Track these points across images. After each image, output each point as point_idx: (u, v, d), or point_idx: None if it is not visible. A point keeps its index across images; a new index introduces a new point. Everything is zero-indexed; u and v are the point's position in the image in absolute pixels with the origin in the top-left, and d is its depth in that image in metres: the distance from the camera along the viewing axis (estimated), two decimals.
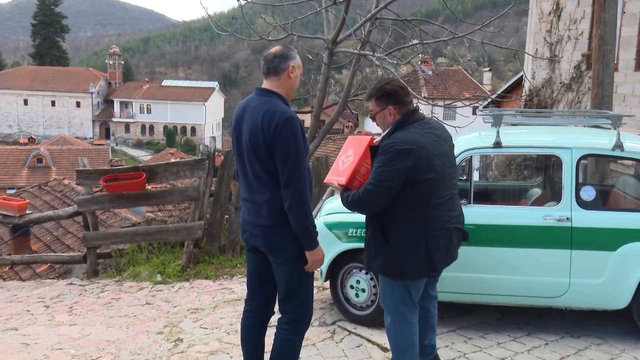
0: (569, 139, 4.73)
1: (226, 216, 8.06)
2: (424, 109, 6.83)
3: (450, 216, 3.57)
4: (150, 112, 79.46)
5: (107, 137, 78.42)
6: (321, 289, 6.00)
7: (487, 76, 48.75)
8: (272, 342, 3.52)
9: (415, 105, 3.67)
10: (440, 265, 3.56)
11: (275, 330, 3.53)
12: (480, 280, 4.62)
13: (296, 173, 3.20)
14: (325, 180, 3.77)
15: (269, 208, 3.30)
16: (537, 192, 5.73)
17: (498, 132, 4.65)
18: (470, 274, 4.59)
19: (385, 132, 3.56)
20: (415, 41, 8.17)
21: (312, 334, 4.78)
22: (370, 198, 3.39)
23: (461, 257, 3.90)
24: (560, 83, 9.31)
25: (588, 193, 4.53)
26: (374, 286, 4.84)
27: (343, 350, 4.56)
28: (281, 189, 3.24)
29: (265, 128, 3.20)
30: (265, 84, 3.39)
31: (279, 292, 3.50)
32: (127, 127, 79.96)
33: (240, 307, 4.88)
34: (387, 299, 3.62)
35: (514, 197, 6.05)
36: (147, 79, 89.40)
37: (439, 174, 3.44)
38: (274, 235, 3.34)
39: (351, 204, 3.51)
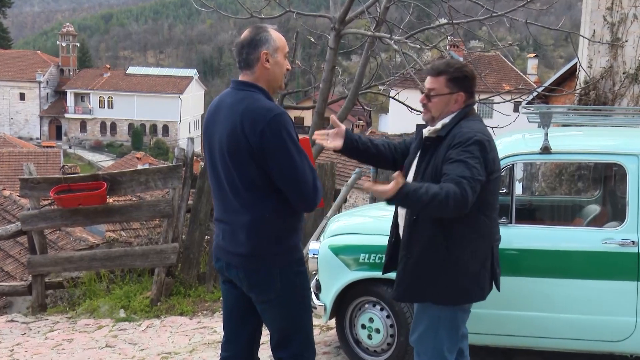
0: (635, 143, 4.74)
1: (207, 237, 8.07)
2: None
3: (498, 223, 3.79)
4: (112, 107, 79.71)
5: (59, 137, 78.65)
6: (325, 329, 6.00)
7: (532, 64, 48.73)
8: None
9: None
10: (499, 281, 3.74)
11: None
12: (523, 319, 4.61)
13: (308, 181, 3.22)
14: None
15: (249, 232, 3.29)
16: (594, 209, 5.73)
17: (546, 134, 4.66)
18: (511, 312, 4.59)
19: (444, 121, 3.62)
20: (443, 20, 8.21)
21: None
22: (469, 195, 3.33)
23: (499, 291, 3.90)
24: (623, 73, 9.33)
25: None
26: (391, 325, 4.84)
27: None
28: (287, 204, 3.26)
29: (247, 131, 3.18)
30: (242, 77, 3.40)
31: (271, 338, 3.51)
32: (83, 124, 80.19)
33: None
34: (428, 338, 3.65)
35: (566, 215, 6.06)
36: (108, 66, 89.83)
37: (500, 173, 3.62)
38: (255, 268, 3.33)
39: (454, 203, 3.29)
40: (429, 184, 3.34)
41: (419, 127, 3.87)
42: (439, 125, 3.63)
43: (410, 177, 3.72)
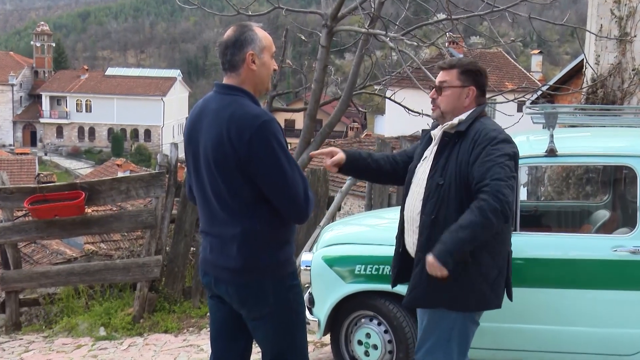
0: None
1: (192, 249, 8.06)
2: None
3: None
4: (91, 111, 79.59)
5: (33, 143, 78.47)
6: (319, 346, 5.99)
7: (536, 61, 48.92)
8: None
9: None
10: (512, 291, 3.85)
11: None
12: (528, 333, 4.62)
13: (299, 191, 3.22)
14: None
15: (240, 245, 3.26)
16: (603, 215, 5.74)
17: (552, 135, 4.67)
18: (515, 325, 4.59)
19: (460, 117, 3.69)
20: (441, 16, 8.23)
21: None
22: (508, 196, 3.40)
23: (503, 303, 3.91)
24: (633, 70, 9.37)
25: None
26: (389, 341, 4.84)
27: None
28: (277, 216, 3.26)
29: (234, 139, 3.16)
30: (227, 80, 3.37)
31: (263, 356, 3.49)
32: (59, 130, 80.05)
33: None
34: (439, 350, 3.69)
35: (574, 221, 6.07)
36: (86, 67, 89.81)
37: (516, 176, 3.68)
38: (246, 283, 3.31)
39: (495, 214, 3.35)
40: (456, 224, 3.41)
41: (425, 132, 3.95)
42: (455, 120, 3.69)
43: (422, 179, 3.76)
